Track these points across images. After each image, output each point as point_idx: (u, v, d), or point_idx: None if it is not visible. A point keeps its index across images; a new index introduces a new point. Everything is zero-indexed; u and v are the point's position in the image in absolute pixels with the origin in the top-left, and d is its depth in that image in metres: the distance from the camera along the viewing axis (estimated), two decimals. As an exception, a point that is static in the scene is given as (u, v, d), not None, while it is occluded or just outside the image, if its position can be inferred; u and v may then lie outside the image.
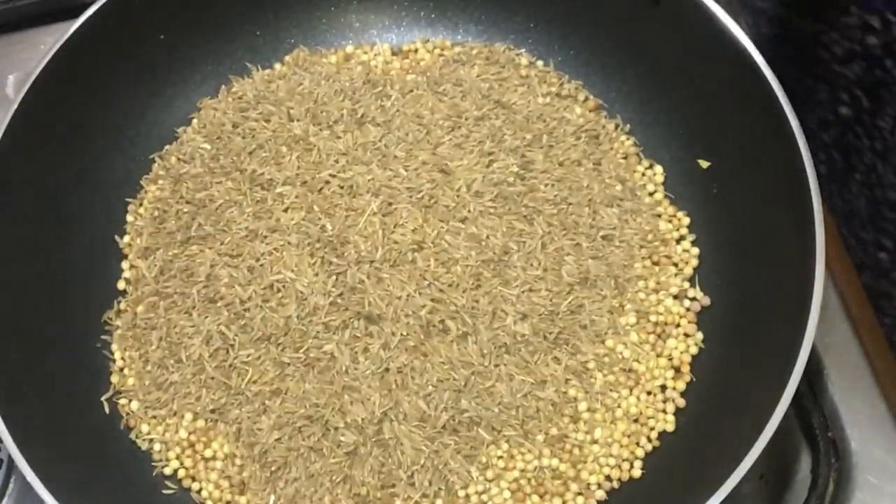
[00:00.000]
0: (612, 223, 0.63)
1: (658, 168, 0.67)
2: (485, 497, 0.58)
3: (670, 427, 0.60)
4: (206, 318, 0.60)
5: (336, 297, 0.59)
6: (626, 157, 0.67)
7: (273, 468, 0.58)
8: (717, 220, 0.64)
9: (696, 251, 0.64)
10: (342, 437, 0.57)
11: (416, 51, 0.71)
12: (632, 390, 0.60)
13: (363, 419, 0.57)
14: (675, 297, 0.63)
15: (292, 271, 0.59)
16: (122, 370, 0.62)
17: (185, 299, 0.61)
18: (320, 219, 0.60)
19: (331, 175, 0.62)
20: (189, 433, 0.60)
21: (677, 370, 0.61)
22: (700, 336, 0.62)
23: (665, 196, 0.66)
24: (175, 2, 0.66)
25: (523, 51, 0.70)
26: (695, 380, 0.61)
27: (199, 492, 0.60)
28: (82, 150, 0.65)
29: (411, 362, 0.58)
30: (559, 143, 0.65)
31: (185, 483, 0.60)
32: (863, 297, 0.64)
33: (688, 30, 0.62)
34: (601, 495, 0.59)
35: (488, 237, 0.60)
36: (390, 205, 0.61)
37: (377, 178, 0.61)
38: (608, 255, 0.62)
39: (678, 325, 0.62)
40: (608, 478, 0.59)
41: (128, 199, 0.67)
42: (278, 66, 0.70)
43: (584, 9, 0.68)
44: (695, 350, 0.61)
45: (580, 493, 0.58)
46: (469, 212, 0.61)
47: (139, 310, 0.63)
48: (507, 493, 0.58)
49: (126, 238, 0.66)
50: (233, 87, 0.69)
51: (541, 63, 0.70)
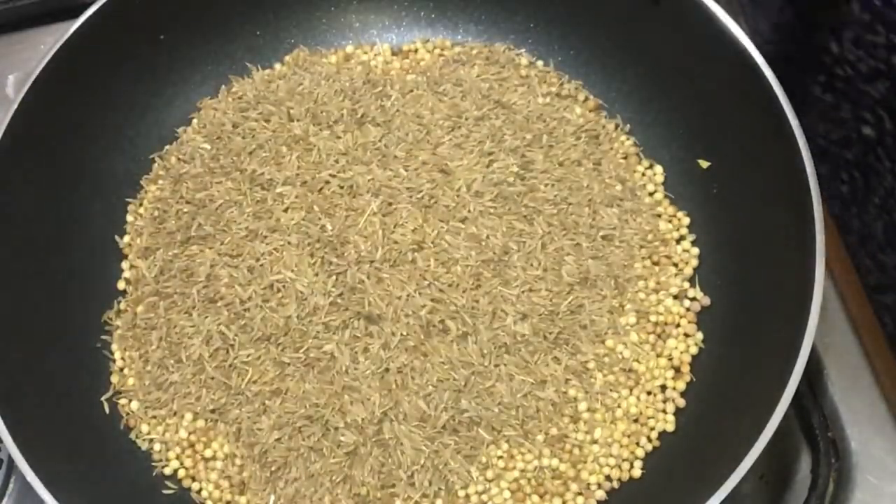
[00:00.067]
0: (612, 223, 0.63)
1: (658, 168, 0.67)
2: (485, 497, 0.58)
3: (670, 427, 0.60)
4: (206, 318, 0.60)
5: (336, 297, 0.59)
6: (626, 157, 0.67)
7: (273, 468, 0.58)
8: (717, 220, 0.64)
9: (696, 251, 0.64)
10: (342, 437, 0.57)
11: (416, 51, 0.71)
12: (632, 390, 0.60)
13: (363, 419, 0.57)
14: (675, 297, 0.63)
15: (292, 271, 0.59)
16: (122, 370, 0.62)
17: (185, 299, 0.61)
18: (320, 219, 0.60)
19: (331, 175, 0.62)
20: (189, 433, 0.60)
21: (677, 370, 0.61)
22: (700, 336, 0.62)
23: (665, 196, 0.66)
24: (175, 2, 0.66)
25: (523, 51, 0.70)
26: (695, 380, 0.61)
27: (199, 492, 0.60)
28: (82, 150, 0.65)
29: (411, 362, 0.58)
30: (559, 143, 0.65)
31: (185, 483, 0.60)
32: (863, 297, 0.64)
33: (688, 30, 0.62)
34: (601, 495, 0.59)
35: (488, 237, 0.60)
36: (390, 205, 0.61)
37: (377, 178, 0.61)
38: (608, 255, 0.62)
39: (678, 325, 0.62)
40: (608, 478, 0.59)
41: (128, 199, 0.67)
42: (278, 66, 0.70)
43: (584, 9, 0.68)
44: (695, 350, 0.61)
45: (580, 493, 0.58)
46: (469, 212, 0.61)
47: (139, 310, 0.63)
48: (507, 493, 0.58)
49: (126, 238, 0.66)
50: (233, 87, 0.69)
51: (541, 63, 0.70)
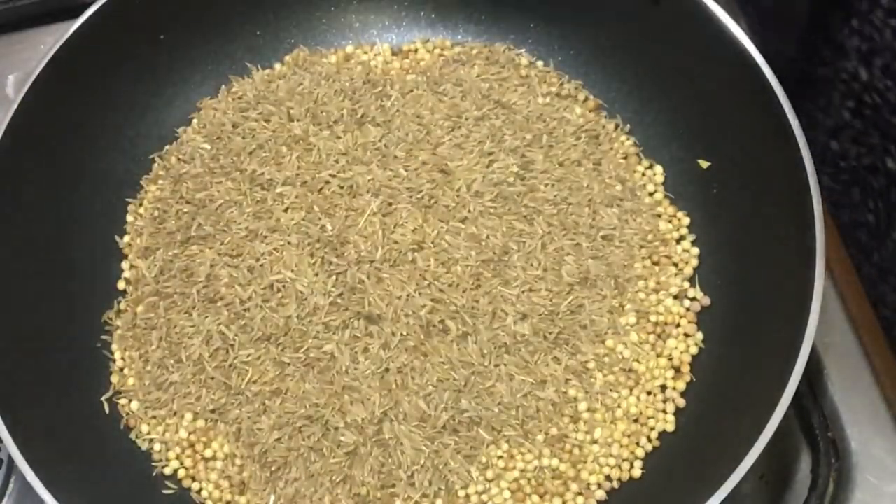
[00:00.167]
0: (612, 223, 0.63)
1: (658, 168, 0.67)
2: (485, 497, 0.58)
3: (670, 427, 0.60)
4: (206, 318, 0.60)
5: (336, 297, 0.59)
6: (626, 157, 0.67)
7: (273, 468, 0.58)
8: (717, 220, 0.64)
9: (696, 251, 0.64)
10: (342, 437, 0.57)
11: (416, 51, 0.71)
12: (632, 390, 0.60)
13: (363, 419, 0.57)
14: (675, 297, 0.63)
15: (292, 271, 0.59)
16: (122, 370, 0.62)
17: (185, 299, 0.61)
18: (320, 219, 0.60)
19: (331, 175, 0.62)
20: (189, 433, 0.60)
21: (677, 370, 0.61)
22: (700, 336, 0.62)
23: (665, 196, 0.66)
24: (175, 2, 0.66)
25: (523, 51, 0.70)
26: (695, 380, 0.61)
27: (199, 492, 0.60)
28: (82, 150, 0.65)
29: (411, 362, 0.58)
30: (559, 143, 0.65)
31: (185, 483, 0.60)
32: (863, 297, 0.64)
33: (688, 30, 0.62)
34: (601, 495, 0.59)
35: (488, 237, 0.60)
36: (390, 205, 0.61)
37: (377, 178, 0.61)
38: (608, 255, 0.62)
39: (678, 325, 0.62)
40: (608, 478, 0.59)
41: (128, 199, 0.67)
42: (278, 66, 0.70)
43: (584, 9, 0.68)
44: (695, 350, 0.61)
45: (580, 493, 0.58)
46: (469, 212, 0.61)
47: (139, 310, 0.63)
48: (507, 493, 0.58)
49: (126, 238, 0.66)
50: (233, 87, 0.69)
51: (541, 63, 0.70)
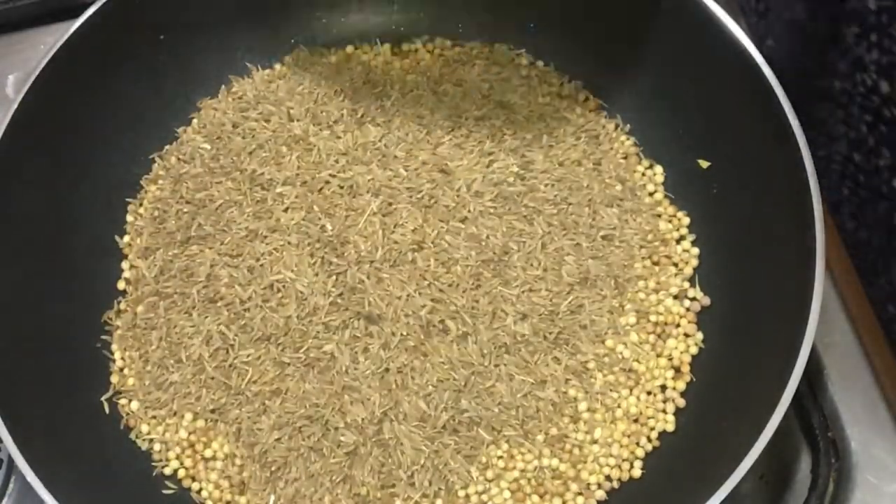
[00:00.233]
0: (612, 223, 0.63)
1: (658, 168, 0.67)
2: (485, 497, 0.58)
3: (670, 427, 0.60)
4: (206, 318, 0.60)
5: (336, 297, 0.59)
6: (626, 157, 0.67)
7: (273, 468, 0.58)
8: (717, 220, 0.64)
9: (696, 251, 0.64)
10: (342, 437, 0.57)
11: (416, 51, 0.71)
12: (632, 390, 0.60)
13: (363, 419, 0.57)
14: (675, 297, 0.63)
15: (292, 271, 0.59)
16: (122, 370, 0.62)
17: (185, 299, 0.61)
18: (320, 219, 0.61)
19: (331, 175, 0.62)
20: (189, 433, 0.60)
21: (677, 370, 0.61)
22: (700, 336, 0.62)
23: (665, 196, 0.66)
24: (175, 2, 0.66)
25: (523, 51, 0.70)
26: (695, 380, 0.61)
27: (199, 492, 0.60)
28: (82, 150, 0.65)
29: (411, 362, 0.58)
30: (559, 143, 0.65)
31: (185, 483, 0.60)
32: (863, 297, 0.64)
33: (688, 30, 0.62)
34: (601, 495, 0.59)
35: (488, 237, 0.60)
36: (390, 205, 0.61)
37: (377, 178, 0.61)
38: (608, 255, 0.62)
39: (678, 325, 0.62)
40: (608, 478, 0.59)
41: (128, 199, 0.67)
42: (278, 66, 0.70)
43: (585, 9, 0.68)
44: (695, 350, 0.61)
45: (580, 493, 0.58)
46: (469, 212, 0.61)
47: (139, 310, 0.63)
48: (507, 493, 0.58)
49: (126, 238, 0.66)
50: (233, 87, 0.69)
51: (541, 63, 0.70)
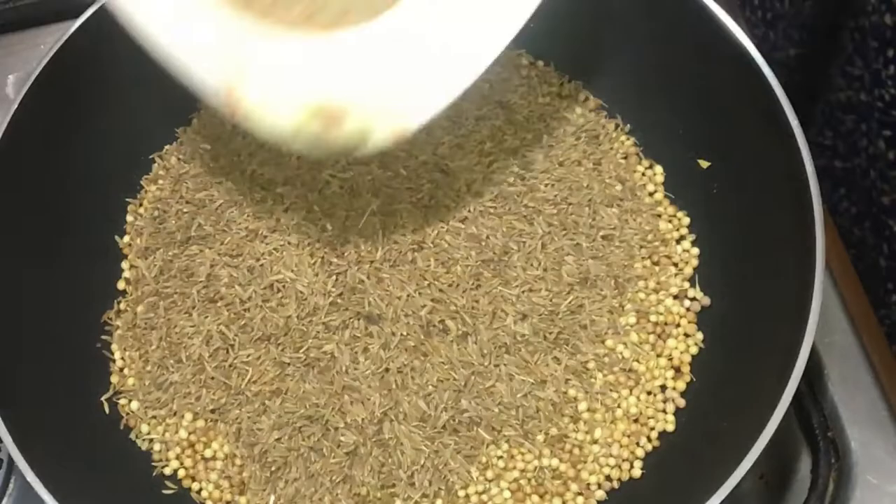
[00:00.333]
0: (612, 223, 0.63)
1: (658, 168, 0.66)
2: (485, 497, 0.58)
3: (670, 427, 0.60)
4: (206, 318, 0.60)
5: (336, 297, 0.59)
6: (626, 157, 0.67)
7: (273, 468, 0.58)
8: (717, 220, 0.64)
9: (696, 251, 0.64)
10: (342, 437, 0.57)
11: (416, 51, 0.71)
12: (632, 390, 0.60)
13: (363, 419, 0.57)
14: (675, 297, 0.63)
15: (292, 271, 0.59)
16: (122, 370, 0.62)
17: (185, 299, 0.61)
18: (320, 219, 0.60)
19: (331, 175, 0.62)
20: (189, 433, 0.60)
21: (677, 370, 0.61)
22: (700, 336, 0.62)
23: (665, 196, 0.66)
24: (175, 2, 0.66)
25: (523, 51, 0.70)
26: (695, 380, 0.61)
27: (199, 492, 0.60)
28: (82, 150, 0.64)
29: (411, 362, 0.58)
30: (559, 143, 0.65)
31: (185, 483, 0.60)
32: (863, 297, 0.64)
33: (688, 30, 0.62)
34: (601, 495, 0.59)
35: (488, 237, 0.60)
36: (390, 205, 0.61)
37: (377, 178, 0.61)
38: (608, 255, 0.62)
39: (678, 325, 0.62)
40: (608, 478, 0.59)
41: (128, 199, 0.67)
42: (278, 66, 0.70)
43: (584, 9, 0.67)
44: (695, 350, 0.61)
45: (580, 493, 0.58)
46: (469, 212, 0.61)
47: (139, 310, 0.63)
48: (507, 493, 0.58)
49: (126, 238, 0.66)
50: (233, 87, 0.69)
51: (541, 63, 0.70)
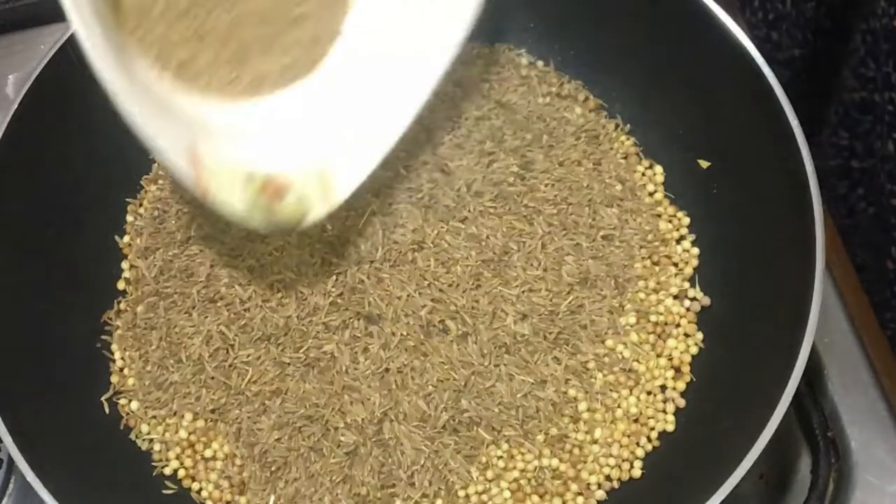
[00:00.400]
0: (612, 223, 0.63)
1: (658, 168, 0.66)
2: (485, 497, 0.58)
3: (670, 427, 0.60)
4: (206, 317, 0.60)
5: (336, 297, 0.59)
6: (626, 157, 0.67)
7: (273, 468, 0.58)
8: (717, 220, 0.64)
9: (696, 251, 0.64)
10: (342, 437, 0.57)
11: (416, 51, 0.71)
12: (632, 390, 0.60)
13: (363, 419, 0.57)
14: (675, 297, 0.63)
15: (292, 271, 0.59)
16: (122, 370, 0.62)
17: (185, 299, 0.61)
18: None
19: (331, 175, 0.62)
20: (189, 433, 0.60)
21: (677, 370, 0.61)
22: (700, 336, 0.62)
23: (665, 196, 0.66)
24: (175, 2, 0.66)
25: (523, 51, 0.70)
26: (695, 380, 0.61)
27: (199, 492, 0.60)
28: (82, 149, 0.64)
29: (411, 362, 0.58)
30: (559, 143, 0.65)
31: (185, 483, 0.60)
32: (863, 297, 0.64)
33: (688, 30, 0.62)
34: (601, 495, 0.59)
35: (488, 237, 0.60)
36: (390, 205, 0.61)
37: (377, 178, 0.61)
38: (608, 255, 0.62)
39: (678, 325, 0.62)
40: (608, 478, 0.59)
41: (128, 199, 0.67)
42: (278, 66, 0.70)
43: (584, 9, 0.67)
44: (695, 350, 0.61)
45: (580, 493, 0.58)
46: (469, 212, 0.61)
47: (139, 310, 0.63)
48: (507, 493, 0.58)
49: (126, 238, 0.66)
50: (233, 87, 0.69)
51: (541, 63, 0.70)
